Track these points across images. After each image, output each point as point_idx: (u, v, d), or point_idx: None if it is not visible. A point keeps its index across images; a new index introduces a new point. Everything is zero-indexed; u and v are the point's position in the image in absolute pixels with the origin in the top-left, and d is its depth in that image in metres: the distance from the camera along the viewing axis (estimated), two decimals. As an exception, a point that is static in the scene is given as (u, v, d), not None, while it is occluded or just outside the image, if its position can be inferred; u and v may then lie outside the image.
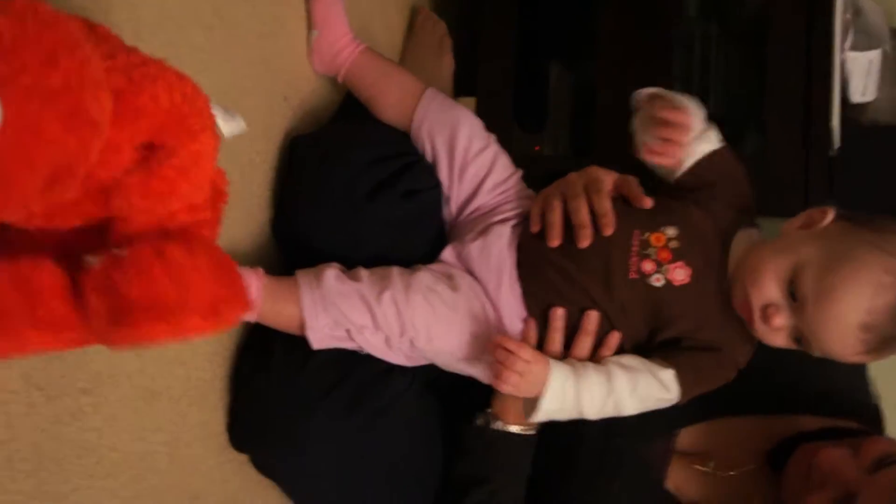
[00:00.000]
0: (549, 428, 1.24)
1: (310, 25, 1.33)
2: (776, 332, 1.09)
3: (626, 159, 1.39)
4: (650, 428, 1.23)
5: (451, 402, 1.28)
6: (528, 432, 1.21)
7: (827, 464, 1.13)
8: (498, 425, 1.20)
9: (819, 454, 1.14)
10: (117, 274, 0.76)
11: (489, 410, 1.21)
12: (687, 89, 1.75)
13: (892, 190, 1.56)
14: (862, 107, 1.72)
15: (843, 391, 1.31)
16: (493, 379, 1.11)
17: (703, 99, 1.75)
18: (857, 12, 1.67)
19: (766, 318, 1.07)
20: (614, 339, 1.14)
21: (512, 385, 1.09)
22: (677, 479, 1.27)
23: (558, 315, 1.14)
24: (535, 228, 1.18)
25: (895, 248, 1.04)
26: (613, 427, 1.18)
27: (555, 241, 1.15)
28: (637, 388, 1.10)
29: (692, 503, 1.27)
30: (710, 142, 1.17)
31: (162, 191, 0.78)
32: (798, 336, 1.08)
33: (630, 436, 1.24)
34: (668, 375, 1.11)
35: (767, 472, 1.24)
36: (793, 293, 1.06)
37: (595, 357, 1.14)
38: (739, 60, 1.76)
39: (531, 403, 1.11)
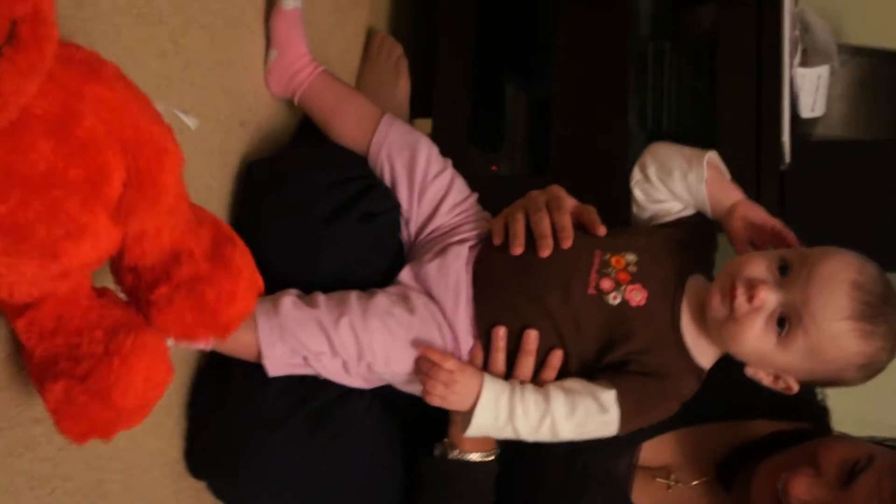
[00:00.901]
0: (514, 451, 1.24)
1: (268, 46, 1.34)
2: (755, 315, 1.05)
3: (581, 177, 1.41)
4: (613, 444, 1.24)
5: (410, 423, 1.28)
6: (487, 458, 1.21)
7: (801, 493, 1.14)
8: (456, 454, 1.20)
9: (790, 486, 1.14)
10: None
11: (446, 440, 1.21)
12: (641, 106, 1.78)
13: (841, 204, 1.59)
14: (811, 122, 1.75)
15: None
16: (422, 392, 1.12)
17: (657, 116, 1.79)
18: (805, 29, 1.70)
19: (750, 289, 1.05)
20: (556, 358, 1.14)
21: (438, 396, 1.10)
22: (642, 493, 1.28)
23: (500, 335, 1.15)
24: (497, 240, 1.19)
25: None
26: (576, 445, 1.18)
27: (518, 248, 1.16)
28: (575, 411, 1.10)
29: None
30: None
31: (156, 193, 0.84)
32: (782, 314, 1.05)
33: (594, 452, 1.24)
34: (609, 396, 1.10)
35: (720, 484, 1.26)
36: (782, 269, 1.06)
37: (538, 378, 1.15)
38: (692, 77, 1.78)
39: (467, 417, 1.11)
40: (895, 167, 1.63)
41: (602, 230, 1.18)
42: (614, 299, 1.13)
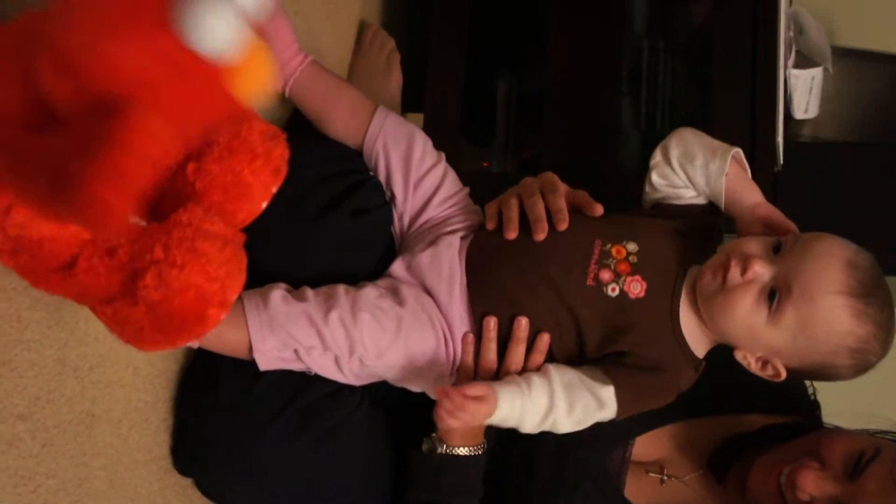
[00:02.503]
0: (504, 446, 1.23)
1: (256, 37, 1.32)
2: (747, 287, 1.05)
3: (572, 174, 1.40)
4: (606, 438, 1.24)
5: (400, 420, 1.28)
6: (475, 453, 1.21)
7: (809, 486, 1.14)
8: (444, 449, 1.20)
9: (798, 479, 1.14)
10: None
11: (434, 435, 1.20)
12: (635, 106, 1.78)
13: (835, 206, 1.59)
14: (803, 123, 1.75)
15: (784, 387, 1.32)
16: (439, 422, 1.08)
17: (650, 115, 1.79)
18: (799, 30, 1.69)
19: (744, 263, 1.05)
20: (544, 342, 1.14)
21: (455, 424, 1.08)
22: (634, 488, 1.28)
23: (491, 326, 1.15)
24: (491, 225, 1.19)
25: None
26: (569, 440, 1.18)
27: (512, 233, 1.16)
28: (574, 408, 1.10)
29: None
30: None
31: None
32: (773, 287, 1.05)
33: (586, 447, 1.24)
34: (608, 393, 1.10)
35: (713, 477, 1.26)
36: (776, 249, 1.07)
37: (527, 362, 1.15)
38: (686, 77, 1.78)
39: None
40: (888, 170, 1.63)
41: (599, 209, 1.18)
42: (613, 291, 1.12)
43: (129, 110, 0.73)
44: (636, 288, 1.12)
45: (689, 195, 1.21)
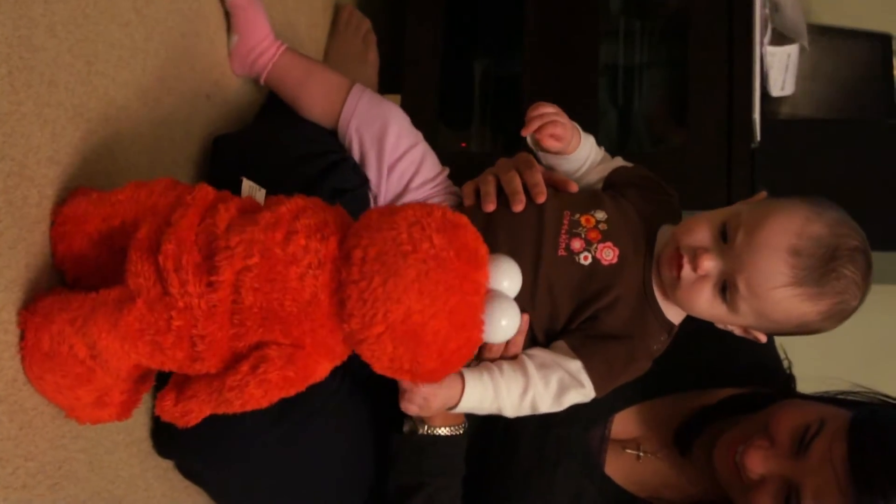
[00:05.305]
0: (487, 425, 1.24)
1: (229, 29, 1.31)
2: (702, 282, 1.08)
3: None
4: (585, 416, 1.24)
5: (381, 400, 1.27)
6: (456, 432, 1.21)
7: (756, 466, 1.14)
8: (425, 429, 1.20)
9: (745, 460, 1.15)
10: None
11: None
12: (612, 85, 1.78)
13: (811, 182, 1.59)
14: (779, 100, 1.76)
15: (760, 362, 1.33)
16: (405, 412, 1.09)
17: (628, 94, 1.79)
18: (774, 7, 1.69)
19: (694, 260, 1.07)
20: (524, 322, 1.13)
21: (417, 409, 1.08)
22: (613, 465, 1.29)
23: None
24: (468, 202, 1.19)
25: (823, 205, 1.08)
26: (550, 418, 1.18)
27: (490, 206, 1.17)
28: (550, 383, 1.11)
29: (640, 489, 1.29)
30: (620, 162, 1.26)
31: None
32: (724, 281, 1.07)
33: (566, 425, 1.25)
34: (576, 366, 1.11)
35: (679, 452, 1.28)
36: (724, 234, 1.07)
37: (508, 342, 1.14)
38: (662, 56, 1.78)
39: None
40: (864, 146, 1.64)
41: (574, 187, 1.20)
42: (585, 259, 1.13)
43: None
44: (609, 255, 1.13)
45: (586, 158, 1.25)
